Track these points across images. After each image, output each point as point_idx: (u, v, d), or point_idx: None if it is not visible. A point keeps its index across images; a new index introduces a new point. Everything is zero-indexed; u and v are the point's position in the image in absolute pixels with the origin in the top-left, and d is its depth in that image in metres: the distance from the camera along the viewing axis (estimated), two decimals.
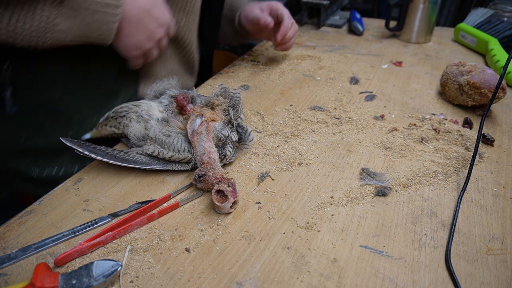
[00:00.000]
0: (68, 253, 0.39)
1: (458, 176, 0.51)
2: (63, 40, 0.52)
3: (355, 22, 1.06)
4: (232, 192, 0.44)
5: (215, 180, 0.46)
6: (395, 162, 0.54)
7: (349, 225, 0.44)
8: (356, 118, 0.64)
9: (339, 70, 0.83)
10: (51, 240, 0.41)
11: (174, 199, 0.48)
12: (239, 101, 0.57)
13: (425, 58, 0.89)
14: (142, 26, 0.58)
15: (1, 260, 0.39)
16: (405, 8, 0.97)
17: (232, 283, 0.37)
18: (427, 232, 0.43)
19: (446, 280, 0.37)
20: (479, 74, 0.63)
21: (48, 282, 0.34)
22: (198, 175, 0.47)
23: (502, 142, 0.58)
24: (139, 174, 0.52)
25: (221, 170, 0.48)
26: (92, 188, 0.49)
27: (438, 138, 0.58)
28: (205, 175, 0.47)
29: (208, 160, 0.49)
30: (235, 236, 0.42)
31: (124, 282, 0.37)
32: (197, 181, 0.47)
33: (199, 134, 0.51)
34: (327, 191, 0.49)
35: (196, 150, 0.50)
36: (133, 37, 0.58)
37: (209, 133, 0.51)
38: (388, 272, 0.38)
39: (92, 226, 0.43)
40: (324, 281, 0.37)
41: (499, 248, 0.41)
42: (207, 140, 0.50)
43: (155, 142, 0.53)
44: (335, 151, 0.56)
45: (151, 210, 0.45)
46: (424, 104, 0.69)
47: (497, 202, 0.47)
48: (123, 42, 0.58)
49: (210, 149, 0.50)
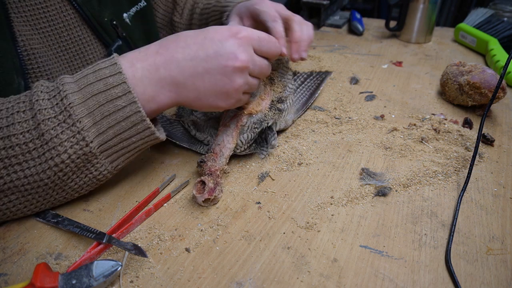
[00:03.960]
0: (78, 263, 0.38)
1: (458, 176, 0.51)
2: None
3: (355, 22, 1.06)
4: (210, 189, 0.45)
5: (208, 171, 0.47)
6: (395, 162, 0.54)
7: (349, 225, 0.44)
8: (356, 118, 0.64)
9: (339, 70, 0.83)
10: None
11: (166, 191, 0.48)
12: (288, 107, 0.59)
13: (425, 58, 0.89)
14: (201, 84, 0.43)
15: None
16: (405, 8, 0.97)
17: (232, 283, 0.37)
18: (427, 232, 0.43)
19: (446, 280, 0.37)
20: (479, 74, 0.63)
21: (48, 282, 0.34)
22: (201, 160, 0.48)
23: (502, 142, 0.58)
24: (139, 174, 0.52)
25: (221, 165, 0.49)
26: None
27: (438, 138, 0.58)
28: (204, 163, 0.48)
29: (218, 152, 0.49)
30: (235, 236, 0.42)
31: (124, 282, 0.37)
32: (198, 165, 0.48)
33: (227, 127, 0.51)
34: (327, 191, 0.49)
35: (216, 138, 0.51)
36: (201, 103, 0.44)
37: (237, 128, 0.51)
38: (388, 272, 0.38)
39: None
40: (324, 281, 0.37)
41: (499, 248, 0.41)
42: (230, 134, 0.50)
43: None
44: (335, 151, 0.56)
45: (145, 207, 0.46)
46: (424, 104, 0.69)
47: (497, 202, 0.47)
48: (197, 108, 0.46)
49: (227, 144, 0.50)
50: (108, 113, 0.39)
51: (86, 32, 0.57)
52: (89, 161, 0.40)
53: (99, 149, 0.40)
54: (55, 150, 0.38)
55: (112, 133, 0.40)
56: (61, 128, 0.38)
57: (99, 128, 0.39)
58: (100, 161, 0.41)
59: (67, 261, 0.40)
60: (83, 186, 0.43)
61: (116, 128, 0.40)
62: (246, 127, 0.53)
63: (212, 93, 0.43)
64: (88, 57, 0.58)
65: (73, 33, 0.56)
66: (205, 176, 0.46)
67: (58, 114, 0.38)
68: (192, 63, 0.42)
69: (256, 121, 0.54)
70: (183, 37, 0.44)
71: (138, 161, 0.54)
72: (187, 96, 0.43)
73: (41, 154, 0.38)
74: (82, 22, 0.57)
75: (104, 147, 0.40)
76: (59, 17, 0.54)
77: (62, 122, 0.38)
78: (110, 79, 0.39)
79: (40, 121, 0.38)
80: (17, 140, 0.38)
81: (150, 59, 0.42)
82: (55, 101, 0.38)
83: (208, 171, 0.47)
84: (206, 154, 0.49)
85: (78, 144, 0.38)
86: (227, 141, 0.50)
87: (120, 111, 0.39)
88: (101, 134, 0.39)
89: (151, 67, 0.42)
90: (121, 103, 0.39)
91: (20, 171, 0.39)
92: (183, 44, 0.43)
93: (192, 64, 0.42)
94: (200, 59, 0.42)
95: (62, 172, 0.39)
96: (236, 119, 0.52)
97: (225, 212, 0.46)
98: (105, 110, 0.39)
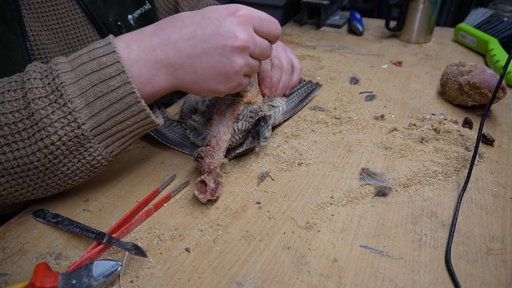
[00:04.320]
0: (78, 263, 0.38)
1: (458, 176, 0.51)
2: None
3: (355, 22, 1.06)
4: (212, 190, 0.45)
5: (207, 169, 0.46)
6: (395, 162, 0.54)
7: (349, 225, 0.44)
8: (356, 118, 0.64)
9: (339, 70, 0.83)
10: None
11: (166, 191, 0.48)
12: (281, 104, 0.59)
13: (425, 58, 0.89)
14: (199, 65, 0.41)
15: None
16: (405, 8, 0.97)
17: (232, 283, 0.37)
18: (427, 232, 0.43)
19: (446, 280, 0.37)
20: (479, 74, 0.63)
21: (48, 282, 0.34)
22: (198, 154, 0.46)
23: (502, 142, 0.58)
24: (139, 174, 0.52)
25: (219, 160, 0.48)
26: (92, 188, 0.49)
27: (438, 138, 0.58)
28: (202, 159, 0.47)
29: (214, 146, 0.49)
30: (235, 236, 0.42)
31: (124, 282, 0.37)
32: (195, 159, 0.47)
33: (222, 116, 0.49)
34: (327, 191, 0.49)
35: (211, 129, 0.49)
36: (199, 86, 0.42)
37: (233, 117, 0.49)
38: (388, 272, 0.38)
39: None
40: (324, 281, 0.37)
41: (499, 248, 0.41)
42: (226, 124, 0.49)
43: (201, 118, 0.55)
44: (335, 151, 0.56)
45: (145, 207, 0.46)
46: (424, 104, 0.69)
47: (497, 202, 0.47)
48: (195, 93, 0.44)
49: (223, 135, 0.48)
50: (101, 94, 0.37)
51: (93, 31, 0.59)
52: (81, 144, 0.38)
53: (92, 132, 0.38)
54: (45, 131, 0.36)
55: (106, 115, 0.38)
56: (52, 108, 0.36)
57: (92, 109, 0.37)
58: (93, 145, 0.39)
59: (67, 261, 0.40)
60: (77, 172, 0.41)
61: (110, 110, 0.38)
62: (242, 115, 0.51)
63: (211, 75, 0.41)
64: None
65: (80, 31, 0.57)
66: (205, 174, 0.46)
67: (49, 93, 0.36)
68: (189, 43, 0.40)
69: (252, 110, 0.53)
70: (180, 17, 0.42)
71: (138, 161, 0.54)
72: (185, 78, 0.41)
73: (30, 135, 0.37)
74: (88, 21, 0.58)
75: (98, 130, 0.39)
76: (67, 15, 0.55)
77: (53, 102, 0.36)
78: (103, 58, 0.38)
79: (30, 100, 0.36)
80: (6, 119, 0.36)
81: (146, 40, 0.40)
82: (46, 80, 0.37)
83: (207, 169, 0.46)
84: (203, 148, 0.48)
85: (70, 126, 0.37)
86: (223, 132, 0.49)
87: (114, 92, 0.38)
88: (94, 116, 0.38)
89: (147, 49, 0.40)
90: (114, 83, 0.37)
91: (9, 152, 0.37)
92: (180, 24, 0.41)
93: (189, 44, 0.40)
94: (198, 39, 0.40)
95: (52, 155, 0.38)
96: (233, 107, 0.50)
97: (225, 212, 0.46)
98: (98, 90, 0.37)
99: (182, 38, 0.40)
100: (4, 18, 0.46)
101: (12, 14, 0.47)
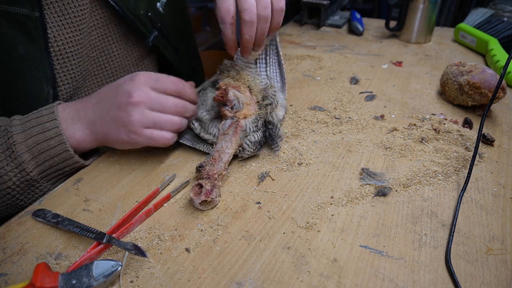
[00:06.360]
0: (78, 263, 0.38)
1: (458, 176, 0.51)
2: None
3: (355, 22, 1.06)
4: (207, 191, 0.45)
5: (206, 175, 0.47)
6: (395, 162, 0.54)
7: (349, 225, 0.44)
8: (356, 118, 0.64)
9: (339, 70, 0.83)
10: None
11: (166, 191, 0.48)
12: (273, 99, 0.60)
13: (425, 58, 0.89)
14: (106, 119, 0.50)
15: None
16: (405, 8, 0.97)
17: (232, 283, 0.37)
18: (427, 232, 0.43)
19: (446, 280, 0.37)
20: (479, 74, 0.63)
21: (48, 282, 0.34)
22: (200, 164, 0.49)
23: (502, 142, 0.58)
24: (139, 174, 0.52)
25: (220, 169, 0.48)
26: (92, 188, 0.49)
27: (438, 138, 0.58)
28: (202, 167, 0.48)
29: (217, 158, 0.50)
30: (235, 236, 0.42)
31: (124, 282, 0.37)
32: (197, 170, 0.49)
33: (226, 135, 0.53)
34: (327, 191, 0.49)
35: (216, 146, 0.52)
36: (110, 138, 0.51)
37: (236, 134, 0.53)
38: (388, 272, 0.38)
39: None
40: (324, 281, 0.37)
41: (499, 248, 0.41)
42: (229, 140, 0.52)
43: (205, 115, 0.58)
44: (335, 151, 0.56)
45: (145, 207, 0.46)
46: (424, 104, 0.69)
47: (497, 202, 0.47)
48: (112, 145, 0.53)
49: (226, 149, 0.51)
50: (44, 150, 0.48)
51: (113, 30, 0.64)
52: (32, 185, 0.49)
53: (39, 176, 0.49)
54: (2, 179, 0.46)
55: (49, 164, 0.49)
56: (7, 161, 0.47)
57: (38, 161, 0.48)
58: (42, 184, 0.50)
59: (67, 261, 0.40)
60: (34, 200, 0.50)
61: (51, 161, 0.49)
62: (248, 129, 0.53)
63: (115, 127, 0.49)
64: (112, 54, 0.66)
65: (100, 31, 0.62)
66: (203, 179, 0.46)
67: (5, 149, 0.47)
68: (101, 104, 0.51)
69: (253, 120, 0.55)
70: (104, 88, 0.52)
71: (138, 161, 0.54)
72: (100, 131, 0.50)
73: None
74: (114, 19, 0.63)
75: (44, 174, 0.49)
76: (89, 17, 0.59)
77: (8, 156, 0.47)
78: (47, 124, 0.49)
79: None
80: None
81: (77, 105, 0.51)
82: (3, 139, 0.47)
83: (206, 175, 0.47)
84: (205, 159, 0.49)
85: (21, 173, 0.47)
86: (226, 147, 0.51)
87: (53, 149, 0.49)
88: (40, 165, 0.48)
89: (75, 111, 0.51)
90: (53, 143, 0.48)
91: None
92: (98, 92, 0.52)
93: (101, 105, 0.51)
94: (106, 101, 0.50)
95: (10, 195, 0.48)
96: (234, 126, 0.53)
97: (225, 212, 0.46)
98: (41, 147, 0.48)
99: (97, 101, 0.51)
100: (30, 35, 0.53)
101: (37, 30, 0.53)
